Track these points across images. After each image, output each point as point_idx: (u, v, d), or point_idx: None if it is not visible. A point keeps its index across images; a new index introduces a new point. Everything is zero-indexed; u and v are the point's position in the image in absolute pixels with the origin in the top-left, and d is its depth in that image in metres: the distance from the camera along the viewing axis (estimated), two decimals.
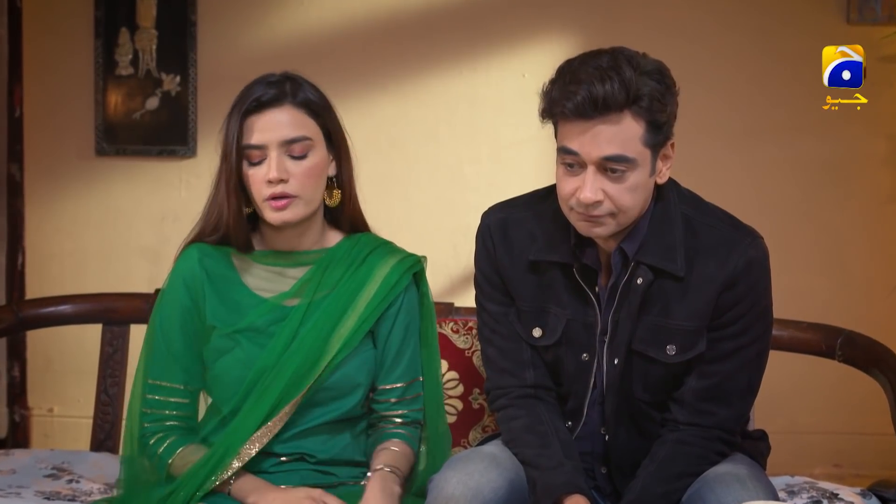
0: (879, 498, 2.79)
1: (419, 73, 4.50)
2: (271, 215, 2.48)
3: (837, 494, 2.76)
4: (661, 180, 2.42)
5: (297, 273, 2.57)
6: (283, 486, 2.46)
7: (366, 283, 2.55)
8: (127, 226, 4.57)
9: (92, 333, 3.23)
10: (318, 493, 2.43)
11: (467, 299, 2.79)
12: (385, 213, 4.41)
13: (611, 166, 2.32)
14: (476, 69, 4.47)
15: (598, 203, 2.33)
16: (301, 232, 2.55)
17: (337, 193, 2.57)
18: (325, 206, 2.59)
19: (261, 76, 2.52)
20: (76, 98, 4.52)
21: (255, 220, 2.58)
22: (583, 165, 2.33)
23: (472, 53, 4.47)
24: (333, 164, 2.56)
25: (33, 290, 4.56)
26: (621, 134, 2.30)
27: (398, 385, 2.59)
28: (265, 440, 2.47)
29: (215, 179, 2.52)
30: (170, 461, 2.50)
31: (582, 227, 2.39)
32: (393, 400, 2.59)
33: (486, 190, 4.20)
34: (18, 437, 4.62)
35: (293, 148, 2.47)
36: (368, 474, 2.49)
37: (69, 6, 4.52)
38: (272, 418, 2.46)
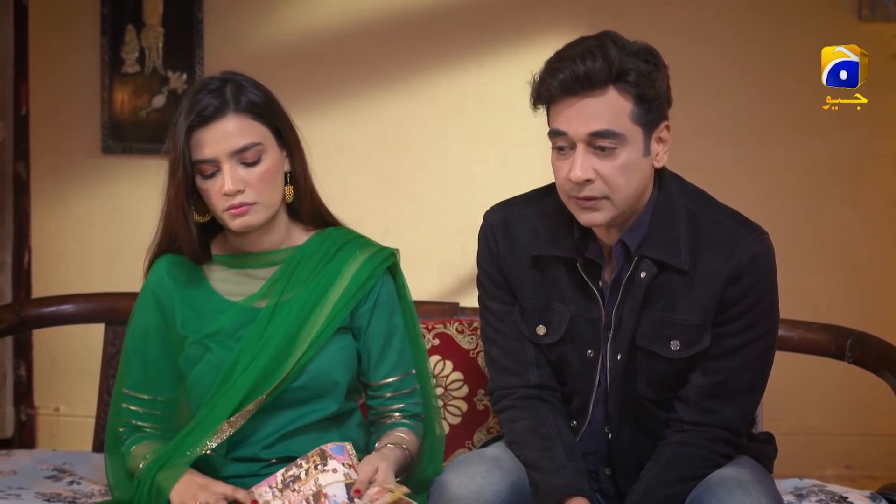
0: (890, 501, 2.76)
1: (426, 71, 4.48)
2: (233, 223, 2.44)
3: (847, 498, 2.74)
4: (658, 164, 2.40)
5: (266, 273, 2.54)
6: (199, 479, 2.42)
7: (335, 280, 2.52)
8: (133, 224, 4.54)
9: (98, 333, 3.21)
10: (220, 491, 2.38)
11: (473, 299, 2.77)
12: (392, 213, 4.46)
13: (599, 143, 2.30)
14: (484, 67, 4.45)
15: (588, 182, 2.32)
16: (265, 232, 2.52)
17: (289, 190, 2.53)
18: (288, 203, 2.56)
19: (200, 82, 2.49)
20: (82, 96, 4.52)
21: (216, 224, 2.54)
22: (573, 146, 2.33)
23: (479, 51, 4.45)
24: (287, 160, 2.52)
25: (39, 289, 4.55)
26: (608, 109, 2.30)
27: (390, 380, 2.57)
28: (225, 435, 2.43)
29: (165, 194, 2.49)
30: (132, 449, 2.51)
31: (579, 214, 2.37)
32: (388, 395, 2.57)
33: (494, 189, 4.13)
34: (25, 436, 4.61)
35: (245, 156, 2.43)
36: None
37: (75, 3, 4.52)
38: (236, 414, 2.44)
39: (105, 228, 4.57)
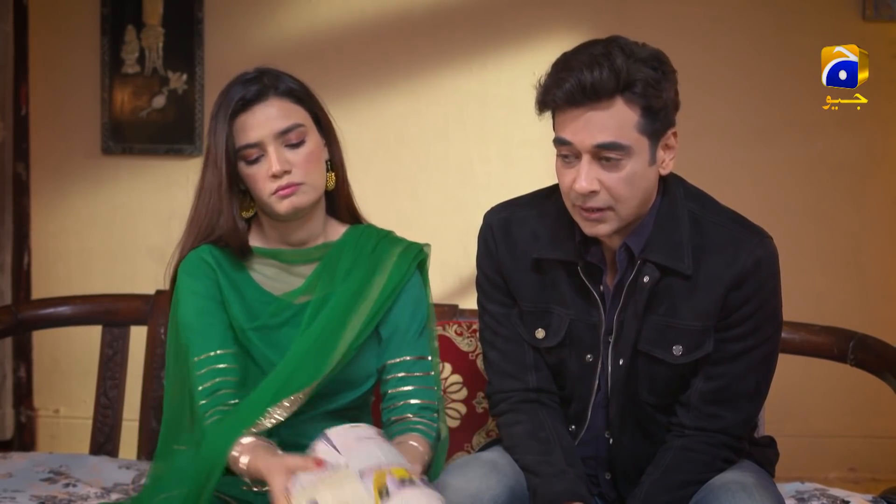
0: None
1: (429, 70, 4.47)
2: (281, 205, 2.43)
3: (849, 502, 2.72)
4: (665, 171, 2.37)
5: (306, 270, 2.53)
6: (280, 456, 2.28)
7: (375, 273, 2.51)
8: (133, 225, 4.55)
9: (98, 334, 3.20)
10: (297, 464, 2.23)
11: (474, 301, 2.76)
12: (394, 212, 4.43)
13: (604, 155, 2.27)
14: (486, 66, 4.44)
15: (593, 193, 2.29)
16: (307, 219, 2.51)
17: (331, 176, 2.54)
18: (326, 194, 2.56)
19: (236, 77, 2.50)
20: (82, 96, 4.51)
21: (249, 221, 2.55)
22: (578, 156, 2.29)
23: (482, 51, 4.44)
24: (325, 148, 2.53)
25: (39, 290, 4.54)
26: (614, 121, 2.25)
27: (406, 358, 2.51)
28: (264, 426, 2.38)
29: (202, 187, 2.48)
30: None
31: (584, 225, 2.35)
32: (401, 374, 2.51)
33: (497, 189, 4.16)
34: (25, 438, 4.60)
35: (289, 137, 2.44)
36: None
37: (75, 3, 4.51)
38: (273, 404, 2.38)
39: (105, 229, 4.56)
